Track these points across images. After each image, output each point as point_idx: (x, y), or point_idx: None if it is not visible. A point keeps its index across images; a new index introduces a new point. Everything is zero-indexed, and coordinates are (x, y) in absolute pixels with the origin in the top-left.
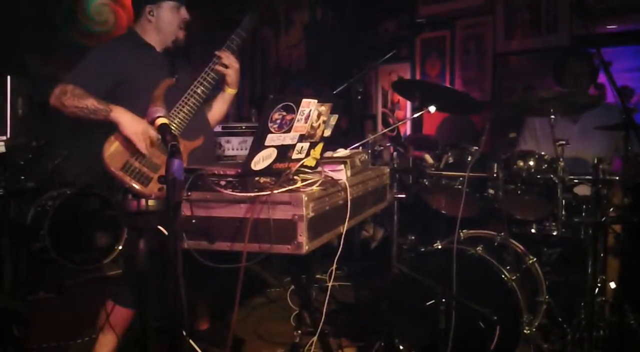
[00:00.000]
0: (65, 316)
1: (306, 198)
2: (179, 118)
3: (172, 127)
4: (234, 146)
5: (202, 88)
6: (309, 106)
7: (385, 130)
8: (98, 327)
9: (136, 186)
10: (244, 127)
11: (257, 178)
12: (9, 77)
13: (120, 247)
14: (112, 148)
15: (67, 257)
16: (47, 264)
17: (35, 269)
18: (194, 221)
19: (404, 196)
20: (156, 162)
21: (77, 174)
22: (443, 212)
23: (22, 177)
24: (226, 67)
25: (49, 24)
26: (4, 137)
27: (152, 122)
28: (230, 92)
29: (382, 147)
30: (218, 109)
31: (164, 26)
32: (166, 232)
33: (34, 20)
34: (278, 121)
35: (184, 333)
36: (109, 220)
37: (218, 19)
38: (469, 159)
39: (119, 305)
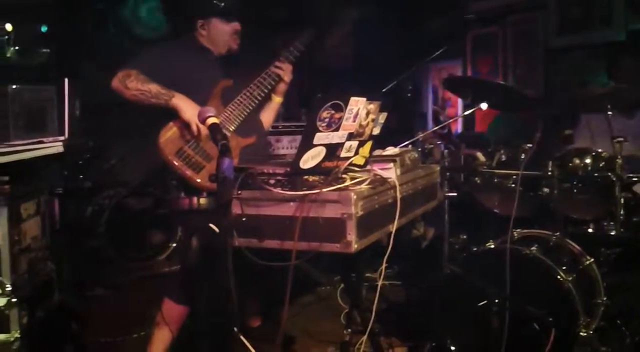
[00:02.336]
0: (121, 311)
1: (355, 196)
2: (233, 114)
3: (224, 123)
4: (284, 145)
5: (259, 91)
6: (358, 104)
7: (436, 128)
8: (154, 323)
9: (188, 173)
10: (293, 127)
11: (306, 177)
12: (66, 80)
13: (173, 245)
14: (169, 134)
15: (123, 254)
16: (104, 261)
17: (92, 266)
18: (244, 219)
19: (455, 194)
20: (209, 152)
21: (131, 174)
22: (495, 211)
23: (80, 177)
24: (282, 76)
25: (104, 29)
26: (62, 138)
27: (203, 122)
28: (277, 100)
29: (432, 145)
30: (267, 118)
31: (216, 38)
32: (217, 230)
33: (91, 25)
34: (326, 120)
35: (235, 329)
36: (163, 218)
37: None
38: (522, 156)
39: (173, 302)
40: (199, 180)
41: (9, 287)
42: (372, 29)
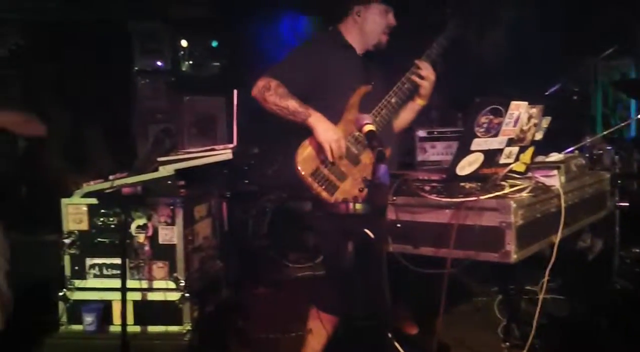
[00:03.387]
0: (282, 310)
1: (515, 205)
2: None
3: (360, 138)
4: (439, 151)
5: (397, 99)
6: (519, 109)
7: (606, 132)
8: (306, 328)
9: (324, 194)
10: (449, 132)
11: (462, 183)
12: (235, 92)
13: None
14: (306, 153)
15: (284, 255)
16: (266, 261)
17: (256, 265)
18: (398, 225)
19: (626, 204)
20: (343, 170)
21: (289, 179)
22: None
23: (245, 181)
24: (422, 78)
25: (268, 43)
26: (232, 145)
27: (359, 129)
28: (420, 103)
29: (601, 151)
30: (405, 118)
31: (369, 28)
32: (372, 236)
33: (256, 39)
34: (485, 125)
35: (389, 335)
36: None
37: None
38: None
39: (322, 312)
40: (333, 200)
41: (182, 283)
42: (532, 27)
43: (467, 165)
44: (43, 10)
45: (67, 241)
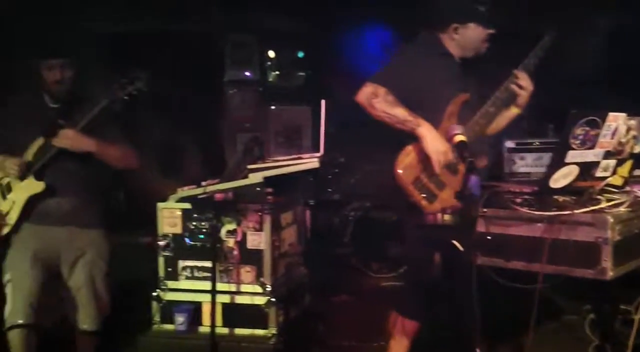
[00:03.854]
0: (363, 319)
1: (612, 220)
2: (469, 137)
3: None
4: (529, 163)
5: (494, 108)
6: (616, 120)
7: None
8: (388, 333)
9: (423, 203)
10: (538, 143)
11: (555, 197)
12: (323, 101)
13: None
14: (407, 160)
15: (366, 264)
16: (349, 269)
17: (338, 273)
18: (488, 237)
19: None
20: (443, 180)
21: (375, 188)
22: None
23: (329, 190)
24: (521, 88)
25: (353, 54)
26: (318, 154)
27: (450, 139)
28: (515, 111)
29: None
30: (498, 125)
31: (468, 44)
32: (461, 247)
33: (342, 50)
34: (580, 137)
35: (477, 350)
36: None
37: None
38: None
39: (404, 317)
40: (432, 209)
41: (269, 288)
42: (631, 36)
43: (561, 178)
44: (139, 21)
45: (161, 243)
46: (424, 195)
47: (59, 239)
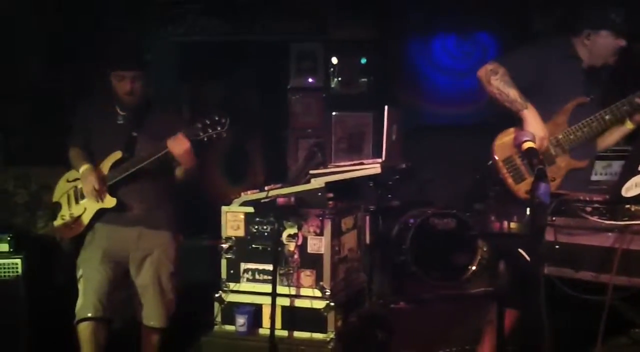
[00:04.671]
0: (423, 327)
1: None
2: (576, 135)
3: (561, 141)
4: (598, 171)
5: (611, 116)
6: None
7: None
8: (487, 320)
9: (509, 180)
10: (609, 151)
11: (627, 205)
12: (386, 107)
13: (474, 268)
14: (506, 139)
15: (426, 272)
16: (408, 276)
17: (397, 280)
18: (557, 246)
19: None
20: None
21: (437, 195)
22: None
23: (389, 196)
24: None
25: (416, 61)
26: (380, 160)
27: (519, 146)
28: (629, 127)
29: None
30: (612, 138)
31: (597, 52)
32: (527, 257)
33: (404, 57)
34: None
35: None
36: (465, 240)
37: None
38: None
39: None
40: (516, 189)
41: (328, 292)
42: None
43: (634, 187)
44: (210, 31)
45: (225, 245)
46: (512, 173)
47: (128, 238)
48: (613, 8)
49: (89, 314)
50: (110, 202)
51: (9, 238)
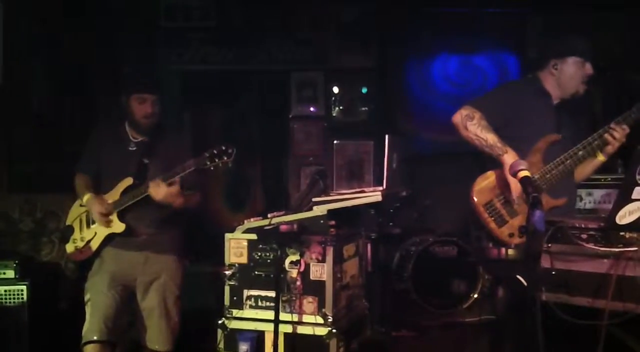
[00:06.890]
0: None
1: None
2: (551, 174)
3: (538, 181)
4: (596, 199)
5: (584, 152)
6: None
7: None
8: None
9: (492, 225)
10: (609, 179)
11: (622, 233)
12: (387, 136)
13: (475, 296)
14: (485, 183)
15: (427, 299)
16: (409, 304)
17: (398, 308)
18: (553, 273)
19: None
20: (515, 208)
21: (437, 223)
22: None
23: (390, 223)
24: (615, 139)
25: (415, 90)
26: (381, 188)
27: (514, 174)
28: (601, 159)
29: None
30: (583, 172)
31: (565, 81)
32: (525, 283)
33: (401, 86)
34: None
35: None
36: (466, 268)
37: None
38: None
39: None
40: (499, 233)
41: (330, 319)
42: None
43: (627, 215)
44: (212, 60)
45: (228, 272)
46: (494, 218)
47: (135, 263)
48: (577, 35)
49: (95, 337)
50: (119, 227)
51: (14, 264)
